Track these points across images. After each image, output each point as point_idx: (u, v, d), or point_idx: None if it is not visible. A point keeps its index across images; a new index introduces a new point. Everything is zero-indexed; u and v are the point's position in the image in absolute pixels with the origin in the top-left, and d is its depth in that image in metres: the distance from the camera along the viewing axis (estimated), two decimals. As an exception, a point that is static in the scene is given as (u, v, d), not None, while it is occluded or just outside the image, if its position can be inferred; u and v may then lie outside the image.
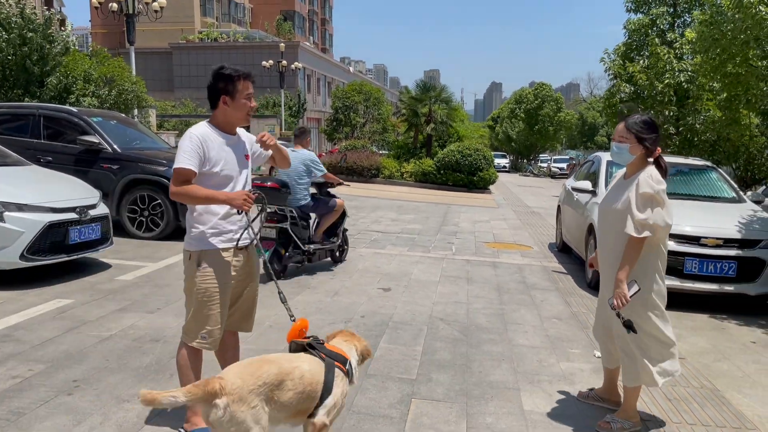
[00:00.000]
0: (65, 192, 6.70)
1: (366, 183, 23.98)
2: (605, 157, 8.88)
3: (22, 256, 5.93)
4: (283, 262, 6.90)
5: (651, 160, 3.57)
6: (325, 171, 7.45)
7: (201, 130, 3.22)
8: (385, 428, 3.53)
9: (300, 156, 7.13)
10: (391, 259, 8.57)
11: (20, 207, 6.00)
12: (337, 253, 7.99)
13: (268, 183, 6.59)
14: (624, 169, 3.72)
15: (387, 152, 31.24)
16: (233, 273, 3.27)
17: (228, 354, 3.49)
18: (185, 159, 3.11)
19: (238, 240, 3.26)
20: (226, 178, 3.22)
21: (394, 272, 7.74)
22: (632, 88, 14.97)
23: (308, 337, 2.90)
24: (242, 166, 3.34)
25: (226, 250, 3.24)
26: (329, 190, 7.78)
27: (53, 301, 5.63)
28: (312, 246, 7.24)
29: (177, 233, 8.29)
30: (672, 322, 3.69)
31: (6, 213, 5.88)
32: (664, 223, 3.42)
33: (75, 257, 6.60)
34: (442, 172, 23.44)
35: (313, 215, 7.59)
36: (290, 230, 6.84)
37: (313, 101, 53.39)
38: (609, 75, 16.30)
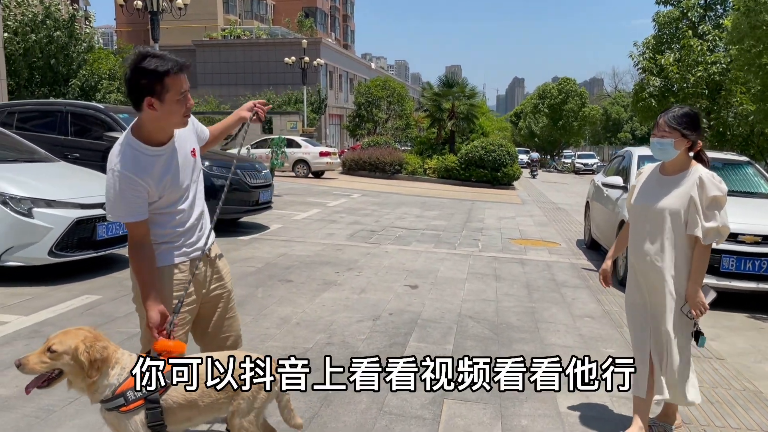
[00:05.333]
0: (93, 188, 6.69)
1: (388, 179, 23.90)
2: (636, 152, 8.68)
3: (50, 252, 5.94)
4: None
5: (692, 154, 3.37)
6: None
7: (125, 159, 2.48)
8: (418, 429, 3.43)
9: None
10: (417, 256, 8.47)
11: (49, 203, 6.02)
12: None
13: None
14: (655, 164, 3.45)
15: (409, 148, 31.13)
16: (193, 288, 2.69)
17: None
18: (122, 210, 2.46)
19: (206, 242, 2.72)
20: (168, 198, 2.58)
21: (420, 269, 7.64)
22: (662, 82, 14.67)
23: None
24: (187, 170, 2.65)
25: (180, 264, 2.67)
26: None
27: (81, 297, 5.65)
28: None
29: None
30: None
31: (35, 209, 5.90)
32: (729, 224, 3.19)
33: (103, 253, 6.62)
34: (465, 168, 23.28)
35: None
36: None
37: (335, 97, 53.42)
38: (638, 69, 16.00)
